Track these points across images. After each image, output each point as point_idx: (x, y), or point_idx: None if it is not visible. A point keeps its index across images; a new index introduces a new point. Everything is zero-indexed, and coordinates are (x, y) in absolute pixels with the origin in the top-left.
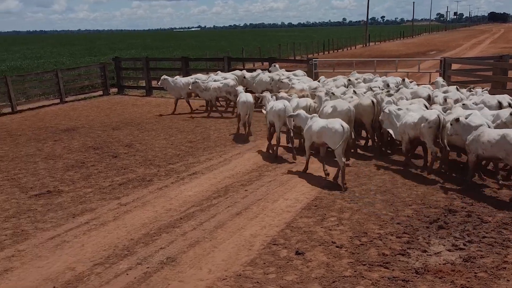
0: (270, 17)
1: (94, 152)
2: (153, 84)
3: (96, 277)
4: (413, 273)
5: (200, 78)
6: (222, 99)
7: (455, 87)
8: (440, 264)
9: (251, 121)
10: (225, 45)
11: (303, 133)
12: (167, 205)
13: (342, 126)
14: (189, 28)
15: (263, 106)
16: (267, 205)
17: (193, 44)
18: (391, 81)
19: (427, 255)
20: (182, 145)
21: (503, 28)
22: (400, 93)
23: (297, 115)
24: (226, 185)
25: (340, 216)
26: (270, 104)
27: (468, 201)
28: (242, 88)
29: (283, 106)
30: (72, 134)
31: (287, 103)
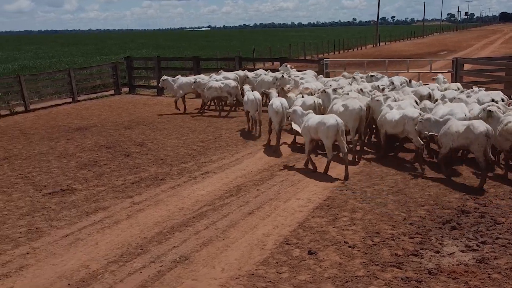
0: (280, 17)
1: (107, 151)
2: None
3: (110, 275)
4: (426, 273)
5: (203, 78)
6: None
7: (456, 84)
8: (453, 265)
9: (260, 119)
10: (236, 45)
11: (300, 129)
12: (179, 204)
13: (337, 120)
14: (199, 27)
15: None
16: (279, 204)
17: (203, 44)
18: (396, 80)
19: (440, 255)
20: (194, 144)
21: None
22: (396, 92)
23: (293, 111)
24: (238, 184)
25: (353, 216)
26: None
27: (481, 202)
28: (248, 87)
29: (279, 104)
30: (84, 133)
31: (283, 101)
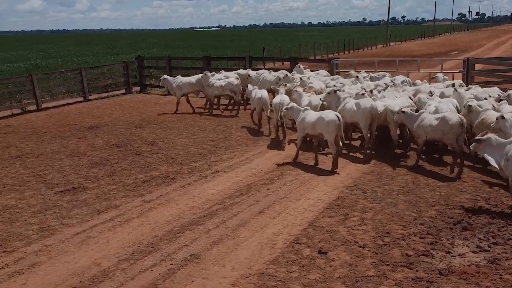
0: (290, 17)
1: (118, 150)
2: None
3: (122, 272)
4: (437, 274)
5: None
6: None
7: (458, 81)
8: (464, 266)
9: (268, 115)
10: (246, 45)
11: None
12: (190, 202)
13: (336, 115)
14: (209, 27)
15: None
16: (290, 204)
17: (213, 43)
18: (399, 79)
19: (451, 256)
20: (204, 143)
21: None
22: (395, 90)
23: (291, 107)
24: (248, 183)
25: (363, 216)
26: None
27: (492, 202)
28: (251, 87)
29: (279, 100)
30: (95, 132)
31: (285, 97)
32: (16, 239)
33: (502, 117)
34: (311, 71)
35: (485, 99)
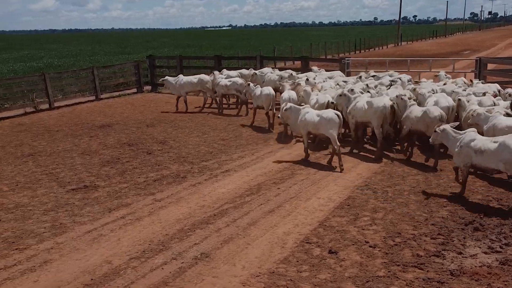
0: (301, 16)
1: (129, 149)
2: None
3: (132, 270)
4: (448, 275)
5: (205, 78)
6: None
7: (462, 78)
8: (476, 267)
9: (274, 113)
10: (257, 44)
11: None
12: (200, 201)
13: (337, 115)
14: (220, 27)
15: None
16: (300, 203)
17: (224, 43)
18: (403, 78)
19: (463, 257)
20: (215, 142)
21: None
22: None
23: (289, 108)
24: (259, 183)
25: (373, 216)
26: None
27: (504, 203)
28: (252, 84)
29: (287, 95)
30: (107, 131)
31: (292, 93)
32: (28, 236)
33: (477, 113)
34: (326, 71)
35: (484, 94)
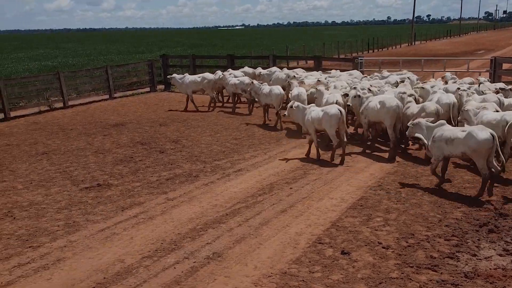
0: (314, 16)
1: (142, 147)
2: None
3: (145, 269)
4: (462, 277)
5: (208, 76)
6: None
7: (469, 78)
8: (490, 269)
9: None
10: (269, 43)
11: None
12: (213, 201)
13: (339, 109)
14: (233, 26)
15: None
16: (312, 203)
17: (237, 42)
18: (411, 77)
19: (477, 259)
20: (227, 142)
21: None
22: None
23: (297, 107)
24: (271, 182)
25: (386, 216)
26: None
27: None
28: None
29: (297, 92)
30: (120, 129)
31: (301, 89)
32: (42, 234)
33: (466, 109)
34: (341, 71)
35: (483, 92)
